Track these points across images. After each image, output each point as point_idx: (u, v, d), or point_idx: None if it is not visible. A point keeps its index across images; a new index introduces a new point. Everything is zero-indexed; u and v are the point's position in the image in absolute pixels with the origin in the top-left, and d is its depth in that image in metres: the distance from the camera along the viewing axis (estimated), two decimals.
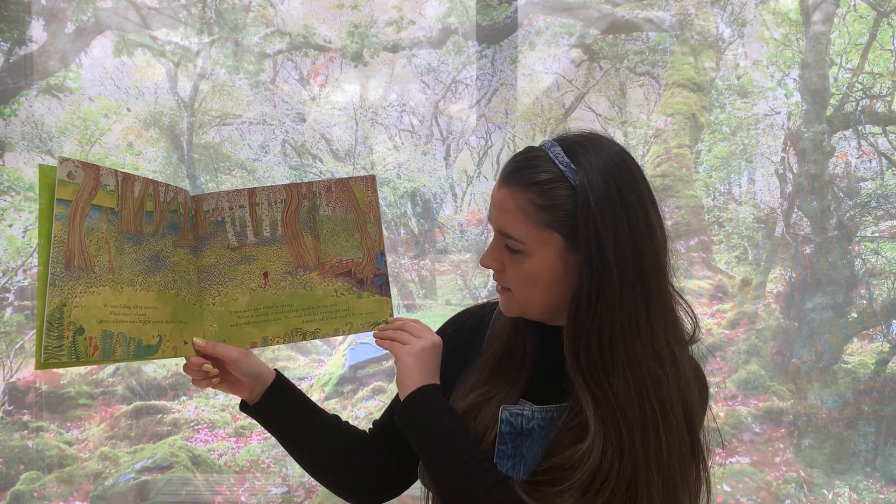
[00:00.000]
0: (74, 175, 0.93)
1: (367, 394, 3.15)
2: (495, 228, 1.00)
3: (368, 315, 1.11)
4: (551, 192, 0.96)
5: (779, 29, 3.09)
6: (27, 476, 3.02)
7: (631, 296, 0.95)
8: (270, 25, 3.20)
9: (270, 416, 1.12)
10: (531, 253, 0.97)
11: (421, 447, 1.02)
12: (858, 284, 3.05)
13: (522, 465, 1.00)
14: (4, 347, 3.11)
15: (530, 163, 0.99)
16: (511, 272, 1.00)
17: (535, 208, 0.96)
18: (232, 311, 1.09)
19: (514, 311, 1.03)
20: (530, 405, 1.02)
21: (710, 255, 3.14)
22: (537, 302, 1.00)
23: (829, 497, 2.97)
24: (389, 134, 3.28)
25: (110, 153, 3.16)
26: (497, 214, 1.00)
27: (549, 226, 0.96)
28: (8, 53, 3.10)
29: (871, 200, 3.05)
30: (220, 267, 1.09)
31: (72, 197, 0.93)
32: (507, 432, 1.01)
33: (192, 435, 3.10)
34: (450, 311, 3.20)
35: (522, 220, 0.97)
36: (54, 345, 0.90)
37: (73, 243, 0.93)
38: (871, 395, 3.01)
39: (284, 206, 1.09)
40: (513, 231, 0.98)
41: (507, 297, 1.03)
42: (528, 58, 3.18)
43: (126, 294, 0.98)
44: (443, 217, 3.30)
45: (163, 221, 1.04)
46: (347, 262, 1.11)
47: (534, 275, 0.98)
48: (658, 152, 3.15)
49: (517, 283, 1.00)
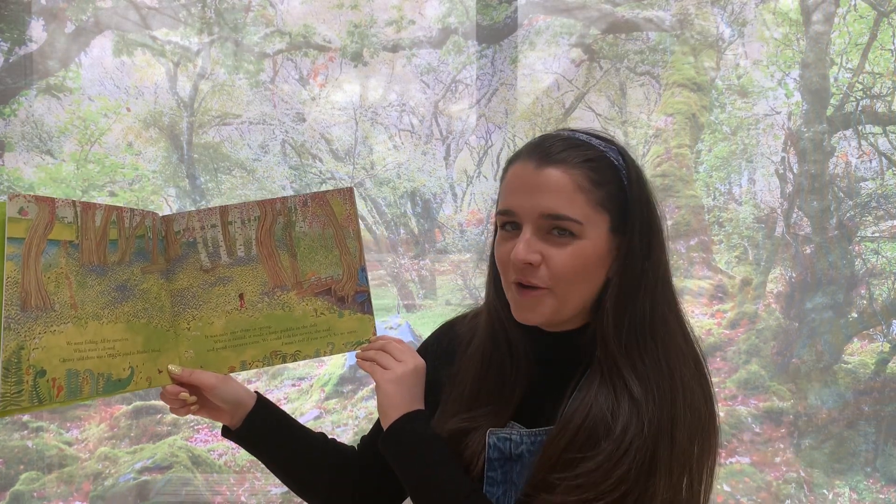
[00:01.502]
0: (27, 211, 0.90)
1: (367, 394, 3.15)
2: (537, 213, 0.91)
3: (351, 334, 1.07)
4: (601, 170, 0.93)
5: (779, 29, 3.09)
6: (27, 476, 3.02)
7: (666, 272, 0.96)
8: (270, 25, 3.20)
9: (253, 441, 1.09)
10: (585, 235, 0.91)
11: (405, 477, 0.97)
12: (858, 284, 3.05)
13: (513, 491, 0.96)
14: None
15: (572, 143, 0.95)
16: (559, 262, 0.91)
17: (593, 185, 0.92)
18: (208, 336, 1.06)
19: (548, 313, 0.94)
20: (519, 428, 0.98)
21: (710, 255, 3.14)
22: (577, 296, 0.94)
23: (829, 497, 2.97)
24: (389, 134, 3.28)
25: (110, 153, 3.16)
26: (542, 197, 0.91)
27: (602, 205, 0.92)
28: (8, 53, 3.10)
29: (871, 200, 3.05)
30: (193, 290, 1.05)
31: (24, 234, 0.90)
32: (496, 458, 0.96)
33: (191, 435, 3.10)
34: (450, 311, 3.20)
35: (580, 199, 0.91)
36: (13, 391, 0.87)
37: (28, 283, 0.90)
38: (872, 395, 3.01)
39: (258, 224, 1.06)
40: (570, 211, 0.90)
41: (540, 297, 0.93)
42: (528, 58, 3.18)
43: (91, 329, 0.95)
44: (443, 217, 3.30)
45: (129, 249, 1.00)
46: (327, 279, 1.07)
47: (586, 261, 0.91)
48: (658, 152, 3.15)
49: (562, 274, 0.91)
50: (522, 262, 0.91)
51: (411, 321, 3.23)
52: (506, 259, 0.94)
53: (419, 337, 3.13)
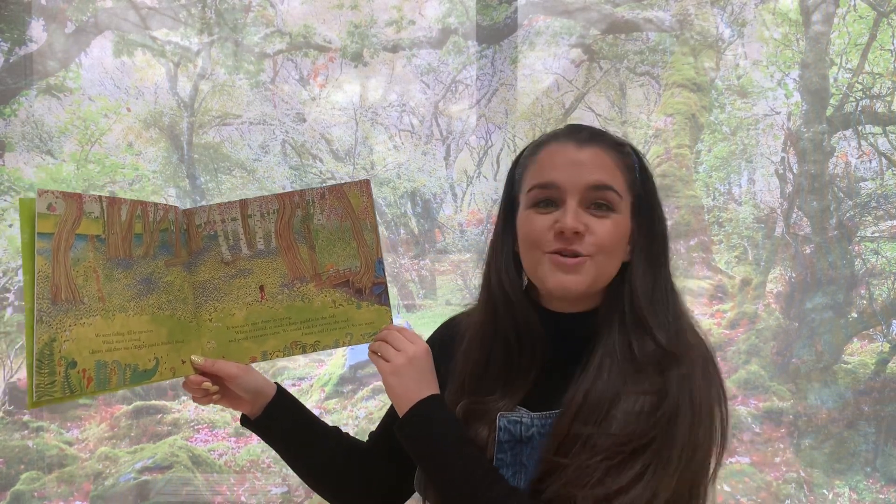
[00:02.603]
0: (55, 207, 0.92)
1: (367, 394, 3.15)
2: (584, 185, 0.97)
3: (368, 325, 1.09)
4: (628, 156, 1.03)
5: (779, 29, 3.09)
6: (27, 476, 3.02)
7: (668, 261, 1.04)
8: (270, 25, 3.20)
9: (272, 431, 1.11)
10: (620, 210, 0.99)
11: (423, 466, 1.00)
12: (858, 284, 3.05)
13: (523, 473, 0.98)
14: (4, 347, 3.11)
15: (600, 132, 1.04)
16: (603, 232, 0.97)
17: (626, 167, 1.01)
18: (229, 327, 1.08)
19: (589, 281, 0.98)
20: (527, 412, 1.00)
21: (710, 255, 3.14)
22: (610, 268, 1.00)
23: (829, 497, 2.97)
24: (389, 134, 3.28)
25: (110, 153, 3.17)
26: (590, 171, 0.98)
27: (630, 187, 1.01)
28: (8, 53, 3.10)
29: (871, 200, 3.05)
30: (215, 282, 1.08)
31: (54, 230, 0.91)
32: (506, 440, 0.98)
33: (192, 435, 3.10)
34: (450, 310, 3.19)
35: (620, 176, 1.00)
36: (46, 381, 0.90)
37: (58, 277, 0.92)
38: (871, 395, 3.01)
39: (277, 217, 1.08)
40: (615, 184, 0.99)
41: (585, 266, 0.97)
42: (528, 58, 3.18)
43: (118, 321, 0.98)
44: (443, 217, 3.30)
45: (153, 242, 1.02)
46: (345, 271, 1.09)
47: (620, 234, 0.99)
48: (658, 152, 3.15)
49: (607, 245, 0.97)
50: (573, 230, 0.95)
51: (411, 321, 3.24)
52: (541, 232, 0.98)
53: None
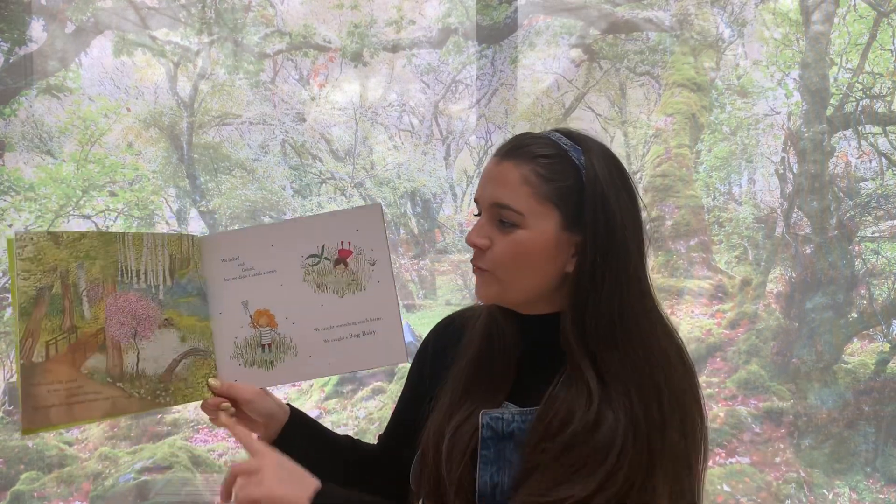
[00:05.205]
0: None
1: (367, 394, 3.15)
2: (488, 203, 0.99)
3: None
4: (555, 166, 0.98)
5: (779, 29, 3.09)
6: (27, 476, 3.02)
7: (635, 274, 0.99)
8: (270, 25, 3.20)
9: (289, 454, 1.10)
10: (527, 226, 0.97)
11: None
12: (858, 284, 3.05)
13: (507, 469, 0.98)
14: (4, 347, 3.11)
15: (532, 140, 1.01)
16: (500, 249, 0.98)
17: (540, 180, 0.97)
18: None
19: (493, 294, 1.01)
20: (512, 407, 1.01)
21: (710, 255, 3.14)
22: (521, 283, 0.99)
23: (829, 497, 2.97)
24: (389, 134, 3.28)
25: (110, 153, 3.16)
26: (494, 188, 0.99)
27: (550, 200, 0.97)
28: (8, 53, 3.10)
29: (871, 200, 3.05)
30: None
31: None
32: (489, 437, 0.99)
33: (191, 435, 3.10)
34: (450, 310, 3.19)
35: (524, 192, 0.97)
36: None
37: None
38: (871, 395, 3.01)
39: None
40: (512, 202, 0.97)
41: (486, 279, 1.00)
42: (528, 58, 3.18)
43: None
44: (443, 217, 3.30)
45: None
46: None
47: (526, 250, 0.97)
48: (658, 152, 3.15)
49: (505, 261, 0.98)
50: (470, 244, 1.00)
51: (411, 321, 3.24)
52: None
53: (419, 337, 3.13)
